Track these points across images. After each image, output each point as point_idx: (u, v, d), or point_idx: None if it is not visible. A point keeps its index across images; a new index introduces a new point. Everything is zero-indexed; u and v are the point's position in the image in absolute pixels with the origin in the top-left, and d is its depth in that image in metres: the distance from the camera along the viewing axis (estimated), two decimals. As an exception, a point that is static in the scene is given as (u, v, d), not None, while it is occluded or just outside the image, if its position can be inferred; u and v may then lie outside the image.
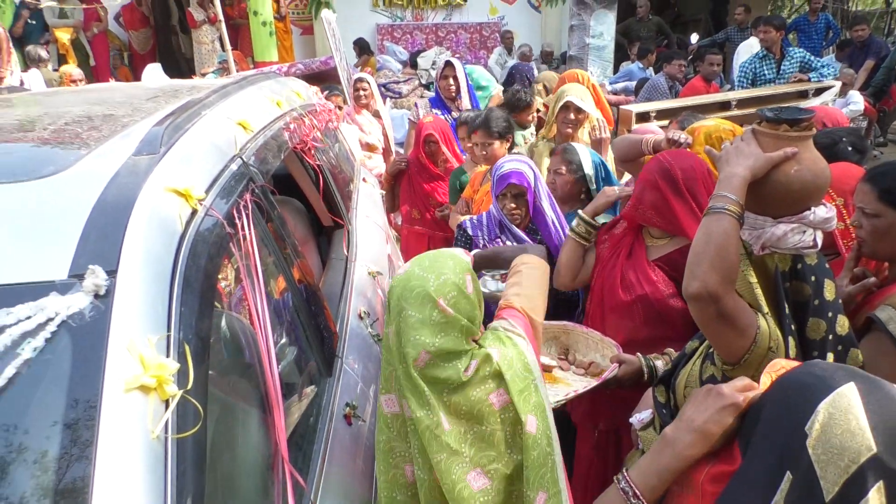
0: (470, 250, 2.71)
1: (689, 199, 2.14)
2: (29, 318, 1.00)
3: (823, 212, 1.47)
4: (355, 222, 2.69)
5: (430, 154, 3.80)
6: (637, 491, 1.21)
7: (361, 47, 9.99)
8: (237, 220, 1.45)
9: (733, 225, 1.42)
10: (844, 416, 0.87)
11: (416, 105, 4.70)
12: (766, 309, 1.47)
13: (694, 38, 10.92)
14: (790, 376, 0.99)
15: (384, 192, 3.97)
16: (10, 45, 8.04)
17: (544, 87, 5.18)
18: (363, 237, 2.61)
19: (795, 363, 1.03)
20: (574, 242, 2.44)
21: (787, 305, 1.47)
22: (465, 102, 4.44)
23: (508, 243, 2.59)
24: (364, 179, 3.42)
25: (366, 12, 11.16)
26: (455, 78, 4.48)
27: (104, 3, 8.67)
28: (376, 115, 5.13)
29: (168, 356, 1.04)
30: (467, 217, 2.78)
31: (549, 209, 2.61)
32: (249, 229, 1.46)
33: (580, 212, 2.42)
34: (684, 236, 2.19)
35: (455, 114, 4.36)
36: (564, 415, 2.56)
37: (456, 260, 1.48)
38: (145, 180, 1.28)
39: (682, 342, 2.18)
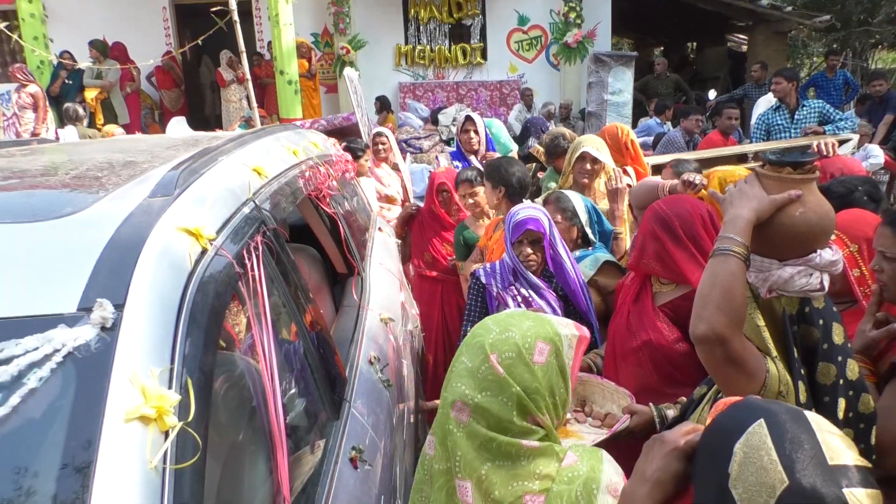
0: (483, 298, 2.72)
1: (689, 246, 2.14)
2: (36, 349, 1.03)
3: (829, 254, 1.46)
4: (369, 269, 2.72)
5: (443, 203, 3.87)
6: None
7: (382, 104, 10.23)
8: (247, 261, 1.48)
9: (739, 266, 1.41)
10: (756, 453, 0.89)
11: (437, 158, 4.81)
12: (774, 353, 1.46)
13: (712, 94, 11.04)
14: (716, 419, 1.00)
15: (399, 241, 4.01)
16: (47, 102, 8.40)
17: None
18: (376, 284, 2.63)
19: (735, 399, 1.02)
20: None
21: (795, 349, 1.45)
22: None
23: (522, 290, 2.60)
24: (380, 229, 3.47)
25: (389, 71, 11.47)
26: (476, 132, 4.59)
27: (138, 63, 9.02)
28: (395, 168, 5.24)
29: (170, 388, 1.05)
30: (480, 265, 2.79)
31: (565, 253, 2.63)
32: (259, 270, 1.49)
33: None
34: (688, 284, 2.19)
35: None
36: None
37: (540, 325, 1.34)
38: (157, 220, 1.32)
39: (693, 388, 2.15)
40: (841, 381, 1.45)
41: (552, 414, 1.31)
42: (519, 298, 2.57)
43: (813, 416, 0.94)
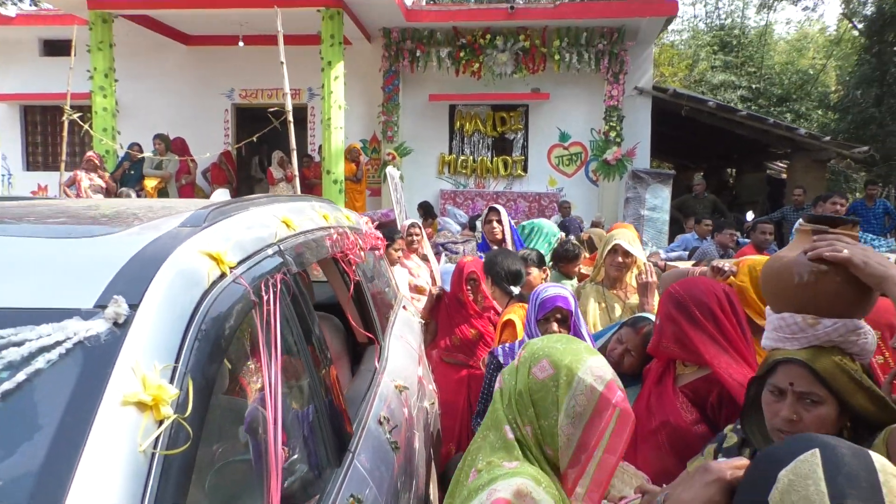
0: (496, 375, 2.70)
1: (706, 326, 2.12)
2: (49, 335, 1.08)
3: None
4: (388, 340, 2.74)
5: (472, 291, 3.89)
6: None
7: (426, 210, 10.52)
8: (263, 294, 1.53)
9: None
10: (803, 482, 0.84)
11: (463, 250, 4.88)
12: None
13: (749, 215, 11.10)
14: (767, 448, 0.98)
15: (423, 323, 4.03)
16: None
17: (590, 237, 5.35)
18: (394, 354, 2.64)
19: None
20: None
21: None
22: (509, 246, 4.59)
23: None
24: (404, 307, 3.51)
25: (432, 178, 11.88)
26: (499, 221, 4.66)
27: (195, 157, 9.56)
28: (424, 259, 5.32)
29: (172, 384, 1.08)
30: (499, 346, 2.80)
31: (587, 333, 2.62)
32: (274, 304, 1.54)
33: None
34: (707, 365, 2.15)
35: None
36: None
37: (567, 352, 1.46)
38: (182, 243, 1.40)
39: (712, 473, 2.07)
40: None
41: (536, 437, 1.40)
42: None
43: (878, 458, 0.87)
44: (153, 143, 10.12)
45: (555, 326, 2.60)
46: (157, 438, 1.01)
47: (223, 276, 1.41)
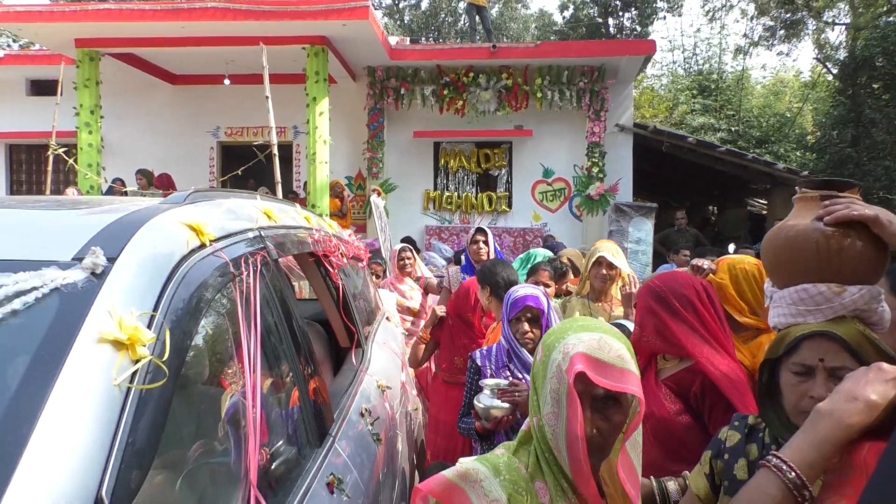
0: (478, 380, 2.68)
1: (687, 318, 2.14)
2: (26, 281, 1.09)
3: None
4: (371, 344, 2.73)
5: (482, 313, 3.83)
6: (794, 467, 1.11)
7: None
8: (244, 270, 1.54)
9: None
10: None
11: (446, 268, 4.89)
12: None
13: (731, 248, 11.19)
14: None
15: (421, 340, 3.92)
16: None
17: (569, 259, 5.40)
18: (377, 357, 2.63)
19: None
20: None
21: None
22: None
23: (517, 373, 2.57)
24: (388, 318, 3.50)
25: (417, 214, 11.93)
26: (485, 242, 4.68)
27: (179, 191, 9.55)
28: (418, 281, 5.32)
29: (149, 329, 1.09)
30: (478, 349, 2.79)
31: None
32: (254, 279, 1.54)
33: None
34: (688, 357, 2.16)
35: None
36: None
37: (567, 330, 1.34)
38: (163, 213, 1.41)
39: (695, 463, 2.06)
40: None
41: (542, 430, 1.31)
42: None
43: None
44: (136, 178, 10.13)
45: (525, 326, 2.60)
46: (134, 376, 1.00)
47: (203, 246, 1.42)
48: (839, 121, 16.41)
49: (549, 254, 5.51)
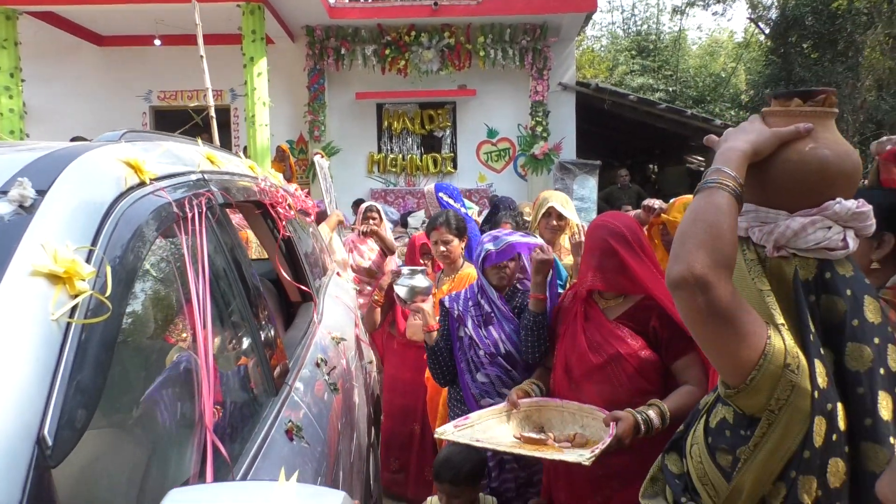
0: (446, 322, 2.66)
1: (640, 254, 2.15)
2: (-54, 214, 0.99)
3: (853, 204, 1.20)
4: (323, 298, 2.66)
5: (430, 265, 3.79)
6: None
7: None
8: (188, 210, 1.45)
9: (728, 201, 1.17)
10: None
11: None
12: (780, 319, 1.18)
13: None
14: None
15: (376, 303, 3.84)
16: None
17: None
18: (330, 310, 2.57)
19: None
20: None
21: (811, 323, 1.18)
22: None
23: (485, 307, 2.57)
24: (338, 273, 3.43)
25: (361, 178, 11.75)
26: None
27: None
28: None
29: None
30: (446, 296, 2.77)
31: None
32: (200, 220, 1.46)
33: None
34: (645, 293, 2.17)
35: None
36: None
37: None
38: (97, 149, 1.31)
39: (661, 396, 2.09)
40: (882, 371, 1.16)
41: None
42: (480, 318, 2.53)
43: None
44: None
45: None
46: (74, 311, 0.92)
47: (142, 184, 1.33)
48: (771, 79, 16.83)
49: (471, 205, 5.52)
